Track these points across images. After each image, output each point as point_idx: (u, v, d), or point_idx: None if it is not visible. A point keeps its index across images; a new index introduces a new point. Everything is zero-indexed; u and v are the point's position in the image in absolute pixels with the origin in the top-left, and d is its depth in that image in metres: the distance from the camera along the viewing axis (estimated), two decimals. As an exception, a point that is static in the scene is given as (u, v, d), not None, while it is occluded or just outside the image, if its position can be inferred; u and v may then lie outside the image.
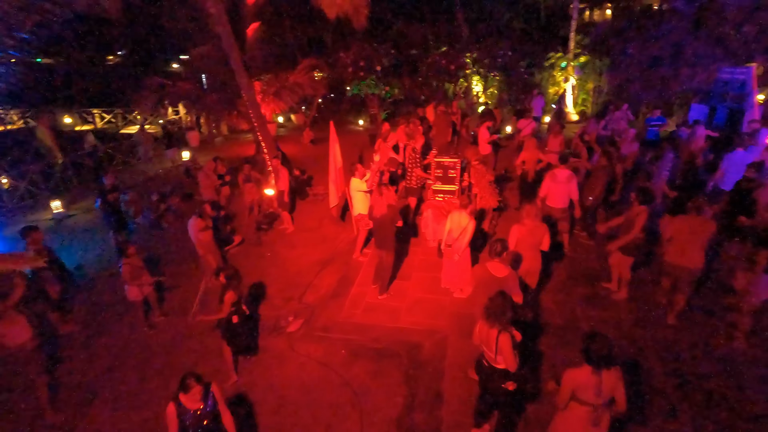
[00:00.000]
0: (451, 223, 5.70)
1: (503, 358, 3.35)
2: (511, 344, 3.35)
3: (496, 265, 4.22)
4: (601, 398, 2.95)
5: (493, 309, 3.38)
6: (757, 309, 4.57)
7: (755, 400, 4.14)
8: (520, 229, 4.99)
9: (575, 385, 3.00)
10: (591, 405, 2.98)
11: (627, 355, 4.75)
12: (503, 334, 3.33)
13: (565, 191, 6.58)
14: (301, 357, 5.10)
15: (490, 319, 3.39)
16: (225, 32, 8.87)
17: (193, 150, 16.06)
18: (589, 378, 2.94)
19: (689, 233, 4.84)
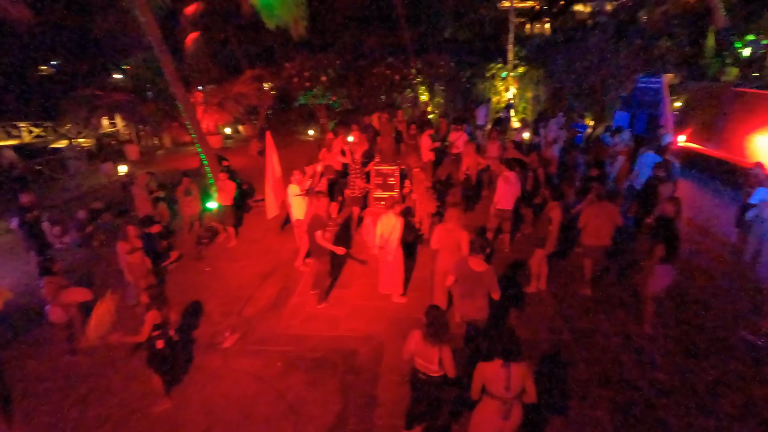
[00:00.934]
0: (381, 226, 5.82)
1: (446, 367, 3.40)
2: (452, 355, 3.43)
3: (477, 260, 4.38)
4: (510, 392, 3.08)
5: (435, 326, 3.39)
6: (658, 296, 5.00)
7: (663, 380, 4.51)
8: (440, 230, 5.19)
9: (485, 377, 3.13)
10: (501, 399, 3.11)
11: (550, 347, 5.02)
12: (445, 348, 3.40)
13: (513, 193, 6.95)
14: (236, 373, 4.96)
15: (434, 335, 3.38)
16: (157, 41, 8.60)
17: (133, 164, 15.31)
18: (498, 371, 3.07)
19: (600, 218, 5.58)
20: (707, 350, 4.93)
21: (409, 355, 3.54)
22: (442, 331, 3.38)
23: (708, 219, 8.58)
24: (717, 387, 4.41)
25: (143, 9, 8.29)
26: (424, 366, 3.46)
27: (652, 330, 5.18)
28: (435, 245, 5.26)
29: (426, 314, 3.48)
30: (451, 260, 5.18)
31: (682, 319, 5.48)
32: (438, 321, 3.40)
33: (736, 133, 11.74)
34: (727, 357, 4.81)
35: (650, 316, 5.12)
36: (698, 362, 4.75)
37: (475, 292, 4.39)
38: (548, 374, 4.66)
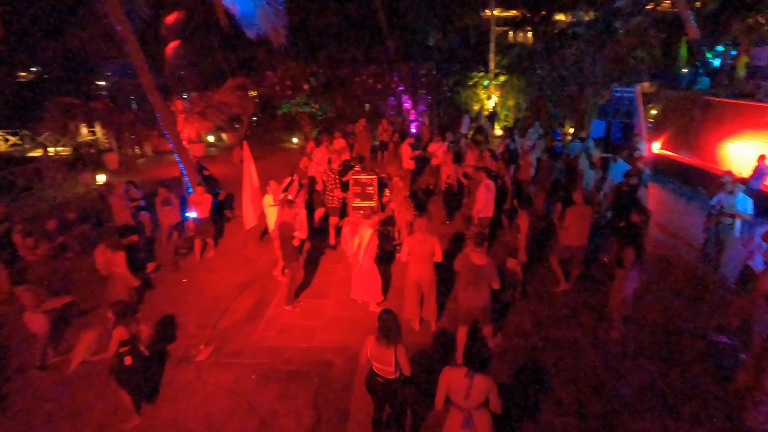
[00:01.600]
0: (359, 236, 5.85)
1: (402, 367, 3.49)
2: (407, 355, 3.50)
3: (478, 254, 4.61)
4: (469, 402, 3.11)
5: (387, 328, 3.45)
6: (627, 300, 5.12)
7: (632, 384, 4.60)
8: (411, 241, 5.23)
9: (449, 383, 3.16)
10: (462, 409, 3.14)
11: (522, 353, 5.09)
12: (400, 347, 3.46)
13: (493, 200, 7.05)
14: (208, 387, 4.90)
15: (386, 337, 3.45)
16: (133, 50, 8.54)
17: (112, 173, 15.09)
18: (461, 380, 3.10)
19: (582, 219, 5.92)
20: (674, 354, 5.05)
21: (365, 361, 3.60)
22: (394, 332, 3.45)
23: (679, 224, 8.82)
24: (684, 391, 4.51)
25: (119, 18, 8.23)
26: (382, 369, 3.52)
27: (621, 335, 5.28)
28: (405, 258, 5.29)
29: (378, 318, 3.53)
30: (423, 269, 5.24)
31: (651, 324, 5.60)
32: (389, 323, 3.46)
33: (708, 140, 12.10)
34: (693, 360, 4.93)
35: (619, 321, 5.23)
36: (665, 366, 4.86)
37: (477, 283, 4.66)
38: (520, 381, 4.72)
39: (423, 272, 5.27)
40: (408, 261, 5.33)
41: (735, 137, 11.04)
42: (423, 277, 5.29)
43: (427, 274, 5.29)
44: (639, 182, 6.92)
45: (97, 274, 7.31)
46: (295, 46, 15.91)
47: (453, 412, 3.23)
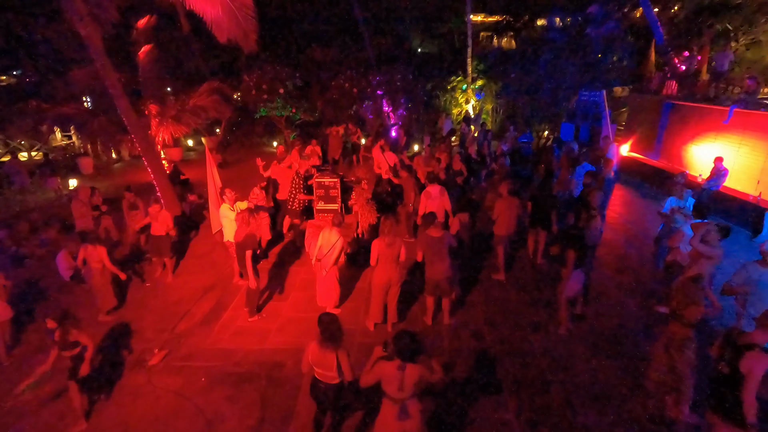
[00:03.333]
0: (322, 239, 5.89)
1: (344, 371, 3.51)
2: (349, 359, 3.53)
3: (433, 229, 5.30)
4: (402, 393, 3.16)
5: (329, 333, 3.49)
6: (571, 299, 5.24)
7: (576, 382, 4.71)
8: (379, 244, 5.29)
9: (382, 374, 3.20)
10: (395, 400, 3.19)
11: (470, 351, 5.18)
12: (341, 351, 3.49)
13: (439, 205, 7.11)
14: (158, 390, 4.89)
15: (329, 341, 3.48)
16: (98, 54, 8.50)
17: (86, 177, 14.92)
18: (394, 372, 3.14)
19: (509, 210, 6.54)
20: (620, 352, 5.17)
21: (307, 368, 3.61)
22: (337, 335, 3.48)
23: (641, 225, 9.03)
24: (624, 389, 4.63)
25: (83, 22, 8.19)
26: (323, 374, 3.55)
27: (568, 332, 5.41)
28: (375, 262, 5.35)
29: (319, 321, 3.56)
30: (390, 272, 5.31)
31: (599, 321, 5.74)
32: (331, 326, 3.49)
33: (673, 143, 12.42)
34: (637, 358, 5.05)
35: (566, 319, 5.35)
36: (609, 363, 4.98)
37: (438, 256, 5.28)
38: (466, 378, 4.80)
39: (389, 274, 5.34)
40: (375, 263, 5.38)
41: (698, 140, 11.35)
42: (389, 278, 5.36)
43: (393, 275, 5.37)
44: (592, 184, 7.07)
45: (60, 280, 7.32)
46: (271, 49, 15.95)
47: (386, 404, 3.27)
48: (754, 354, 3.05)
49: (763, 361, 3.02)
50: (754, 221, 8.26)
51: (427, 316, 5.78)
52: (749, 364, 3.05)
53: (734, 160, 10.00)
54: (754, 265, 4.31)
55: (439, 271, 5.32)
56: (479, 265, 7.37)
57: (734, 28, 16.25)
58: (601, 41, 15.61)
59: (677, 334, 4.04)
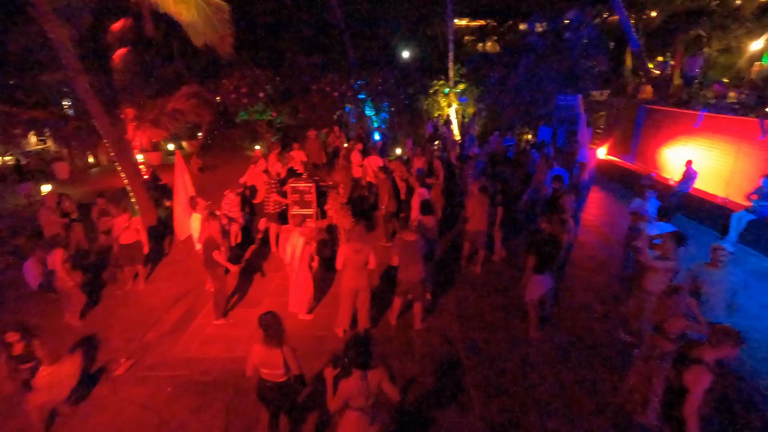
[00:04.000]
0: (291, 245, 5.86)
1: (292, 365, 3.55)
2: (294, 354, 3.54)
3: (407, 233, 5.34)
4: (370, 399, 3.16)
5: (271, 331, 3.49)
6: (535, 303, 5.29)
7: (540, 384, 4.75)
8: (346, 249, 5.27)
9: (349, 393, 3.16)
10: (365, 409, 3.18)
11: (441, 355, 5.19)
12: (286, 348, 3.51)
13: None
14: (123, 401, 4.79)
15: (271, 340, 3.50)
16: (68, 58, 8.33)
17: (62, 183, 14.61)
18: (359, 385, 3.12)
19: (478, 207, 6.78)
20: (587, 355, 5.23)
21: (252, 371, 3.62)
22: (280, 331, 3.54)
23: (615, 227, 9.17)
24: (591, 391, 4.68)
25: (52, 25, 8.04)
26: (270, 374, 3.56)
27: (538, 335, 5.45)
28: (341, 265, 5.34)
29: (259, 321, 3.58)
30: (358, 278, 5.29)
31: (568, 324, 5.81)
32: (272, 324, 3.54)
33: (648, 146, 12.68)
34: (603, 361, 5.12)
35: (535, 322, 5.39)
36: (575, 366, 5.03)
37: (412, 259, 5.31)
38: (433, 382, 4.81)
39: (357, 280, 5.32)
40: (343, 269, 5.36)
41: (671, 143, 11.61)
42: (357, 285, 5.33)
43: (361, 281, 5.34)
44: (560, 189, 7.18)
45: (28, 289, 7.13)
46: (252, 53, 15.85)
47: (349, 414, 3.24)
48: (697, 369, 3.01)
49: (704, 378, 2.97)
50: (721, 223, 8.45)
51: (392, 316, 5.86)
52: (692, 379, 3.02)
53: (705, 163, 10.24)
54: (702, 266, 4.35)
55: (412, 274, 5.34)
56: (452, 269, 7.40)
57: (707, 34, 16.71)
58: (579, 46, 15.89)
59: (658, 347, 4.00)
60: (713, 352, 3.04)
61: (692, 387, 2.98)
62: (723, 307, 4.33)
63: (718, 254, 4.15)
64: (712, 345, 3.05)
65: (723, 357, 3.06)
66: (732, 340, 2.98)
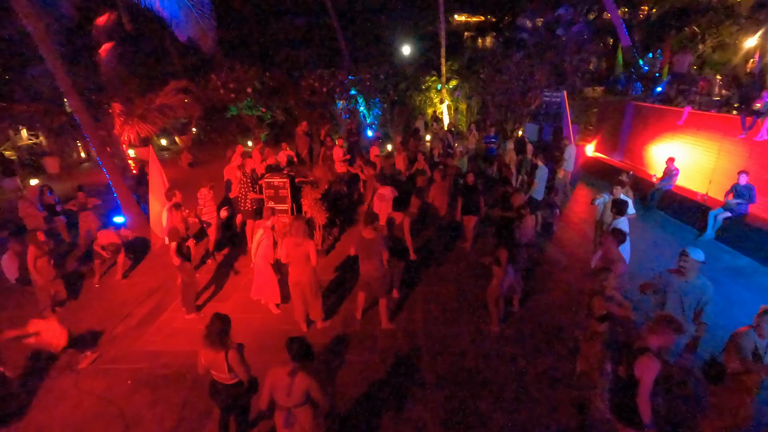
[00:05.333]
0: (257, 238, 5.89)
1: (236, 370, 3.50)
2: (240, 358, 3.52)
3: (367, 230, 5.23)
4: (290, 400, 3.17)
5: (213, 334, 3.49)
6: (501, 297, 5.30)
7: (500, 380, 4.76)
8: (287, 243, 5.29)
9: (272, 383, 3.20)
10: (282, 408, 3.20)
11: (402, 349, 5.21)
12: (231, 352, 3.48)
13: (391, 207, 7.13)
14: (82, 393, 4.84)
15: (214, 343, 3.49)
16: (48, 51, 8.34)
17: (51, 177, 14.68)
18: (283, 378, 3.16)
19: (440, 193, 7.36)
20: (549, 351, 5.23)
21: (203, 370, 3.61)
22: (220, 336, 3.47)
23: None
24: (548, 389, 4.68)
25: (30, 19, 8.05)
26: (218, 375, 3.55)
27: (500, 331, 5.47)
28: (285, 259, 5.38)
29: (207, 326, 3.56)
30: (301, 272, 5.31)
31: (531, 320, 5.81)
32: (212, 327, 3.49)
33: (636, 143, 12.61)
34: (565, 358, 5.12)
35: (496, 317, 5.40)
36: (536, 362, 5.04)
37: (369, 256, 5.24)
38: (391, 376, 4.83)
39: (300, 275, 5.33)
40: (288, 264, 5.40)
41: (657, 140, 11.54)
42: (301, 279, 5.35)
43: (304, 276, 5.34)
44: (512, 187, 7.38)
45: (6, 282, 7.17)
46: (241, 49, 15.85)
47: (276, 413, 3.28)
48: (645, 358, 3.05)
49: (652, 366, 3.01)
50: (700, 220, 8.43)
51: (357, 311, 5.88)
52: (641, 368, 3.05)
53: (689, 160, 10.20)
54: (669, 274, 4.26)
55: (368, 271, 5.34)
56: (423, 263, 7.40)
57: (701, 31, 16.57)
58: (571, 42, 15.80)
59: (589, 327, 4.17)
60: (656, 339, 3.08)
61: (642, 376, 3.02)
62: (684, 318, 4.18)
63: (684, 262, 4.07)
64: (654, 333, 3.09)
65: (665, 344, 3.09)
66: (672, 327, 3.04)
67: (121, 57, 12.59)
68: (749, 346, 3.43)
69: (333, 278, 7.11)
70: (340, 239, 8.53)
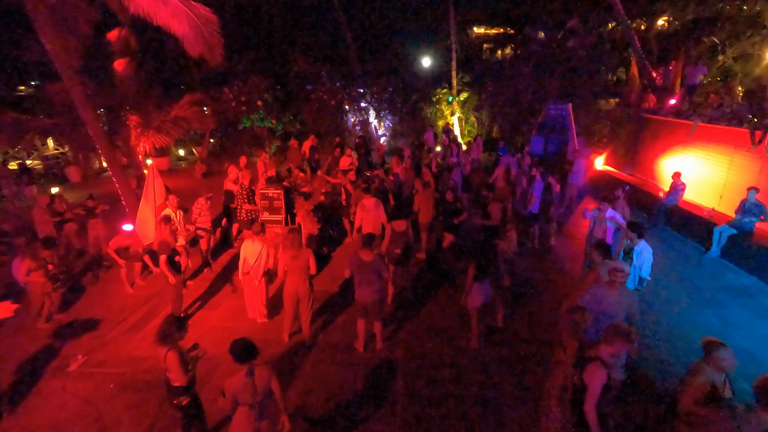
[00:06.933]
0: (245, 251, 5.99)
1: (173, 375, 3.62)
2: (178, 360, 3.62)
3: (365, 252, 5.07)
4: (257, 396, 3.28)
5: (159, 333, 3.62)
6: (479, 311, 5.22)
7: (474, 395, 4.68)
8: (284, 257, 5.37)
9: (234, 389, 3.29)
10: (252, 404, 3.29)
11: (377, 365, 5.19)
12: (170, 352, 3.60)
13: (375, 217, 7.18)
14: (67, 396, 5.01)
15: (157, 342, 3.63)
16: (64, 68, 8.84)
17: (74, 186, 15.38)
18: (244, 381, 3.25)
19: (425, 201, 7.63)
20: (525, 368, 5.12)
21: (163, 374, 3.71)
22: (163, 335, 3.62)
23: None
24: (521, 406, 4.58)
25: (48, 38, 8.55)
26: (169, 376, 3.65)
27: (478, 345, 5.38)
28: (282, 273, 5.46)
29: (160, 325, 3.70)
30: (297, 284, 5.38)
31: (513, 337, 5.70)
32: (161, 327, 3.66)
33: (647, 157, 12.30)
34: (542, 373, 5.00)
35: (476, 331, 5.32)
36: (513, 378, 4.94)
37: (368, 279, 5.09)
38: (365, 390, 4.82)
39: (299, 285, 5.42)
40: (285, 276, 5.47)
41: (668, 154, 11.23)
42: (299, 289, 5.43)
43: (302, 286, 5.43)
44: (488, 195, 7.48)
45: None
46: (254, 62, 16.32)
47: (241, 410, 3.35)
48: (592, 366, 3.09)
49: (599, 374, 3.04)
50: (706, 237, 8.12)
51: (359, 342, 5.49)
52: (588, 376, 3.09)
53: (700, 175, 9.88)
54: (600, 287, 4.13)
55: (367, 295, 5.17)
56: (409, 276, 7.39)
57: (720, 41, 16.10)
58: (582, 54, 15.63)
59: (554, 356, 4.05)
60: (607, 348, 3.14)
61: (589, 383, 3.06)
62: None
63: (616, 275, 3.96)
64: (606, 342, 3.15)
65: (617, 353, 3.14)
66: (623, 337, 3.09)
67: (137, 71, 13.20)
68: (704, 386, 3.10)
69: (323, 289, 7.16)
70: (336, 250, 8.61)
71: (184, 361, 3.62)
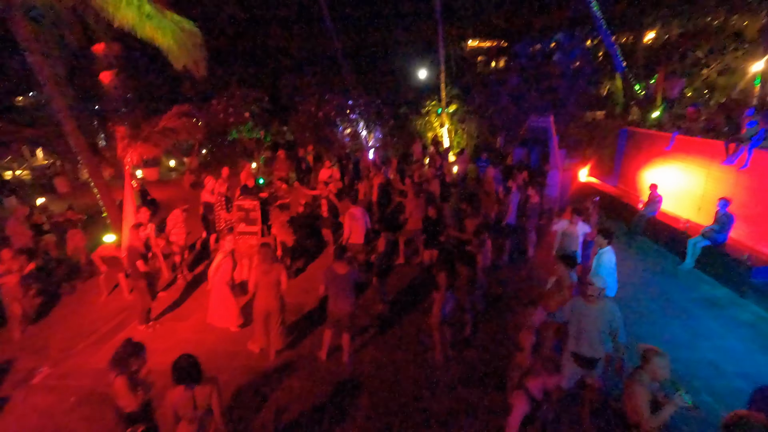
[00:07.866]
0: (216, 261, 6.01)
1: (122, 401, 3.54)
2: (127, 386, 3.54)
3: (340, 264, 5.10)
4: (198, 410, 3.25)
5: (114, 355, 3.56)
6: (443, 323, 5.22)
7: (433, 409, 4.65)
8: (256, 271, 5.37)
9: (174, 403, 3.26)
10: (193, 419, 3.27)
11: (342, 378, 5.17)
12: (118, 378, 3.51)
13: (362, 226, 7.23)
14: (27, 408, 4.97)
15: (111, 365, 3.56)
16: (45, 79, 8.92)
17: (62, 197, 15.39)
18: (183, 395, 3.23)
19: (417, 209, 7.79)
20: (489, 383, 5.09)
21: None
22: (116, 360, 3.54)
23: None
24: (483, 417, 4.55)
25: (31, 48, 8.65)
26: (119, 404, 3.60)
27: (442, 358, 5.36)
28: (252, 288, 5.47)
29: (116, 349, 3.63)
30: (270, 298, 5.37)
31: (481, 349, 5.68)
32: (118, 351, 3.58)
33: (629, 168, 12.39)
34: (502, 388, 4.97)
35: (439, 343, 5.30)
36: (474, 392, 4.91)
37: (342, 293, 5.13)
38: (328, 403, 4.79)
39: (269, 300, 5.40)
40: (256, 290, 5.45)
41: (649, 165, 11.32)
42: (270, 305, 5.41)
43: (273, 301, 5.41)
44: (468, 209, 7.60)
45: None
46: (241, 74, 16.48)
47: (182, 425, 3.31)
48: (516, 394, 3.04)
49: (520, 403, 2.98)
50: (682, 248, 8.15)
51: (323, 351, 5.47)
52: (511, 402, 3.06)
53: (678, 186, 9.95)
54: (580, 300, 4.14)
55: (342, 306, 5.17)
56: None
57: (704, 56, 16.36)
58: (568, 69, 15.83)
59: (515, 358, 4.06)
60: (535, 380, 3.02)
61: (511, 410, 3.00)
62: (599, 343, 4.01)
63: (588, 289, 3.95)
64: (534, 374, 3.02)
65: (547, 385, 3.01)
66: (548, 369, 2.97)
67: (124, 83, 13.33)
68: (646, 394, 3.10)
69: (297, 300, 7.13)
70: (314, 262, 8.61)
71: (134, 385, 3.57)
